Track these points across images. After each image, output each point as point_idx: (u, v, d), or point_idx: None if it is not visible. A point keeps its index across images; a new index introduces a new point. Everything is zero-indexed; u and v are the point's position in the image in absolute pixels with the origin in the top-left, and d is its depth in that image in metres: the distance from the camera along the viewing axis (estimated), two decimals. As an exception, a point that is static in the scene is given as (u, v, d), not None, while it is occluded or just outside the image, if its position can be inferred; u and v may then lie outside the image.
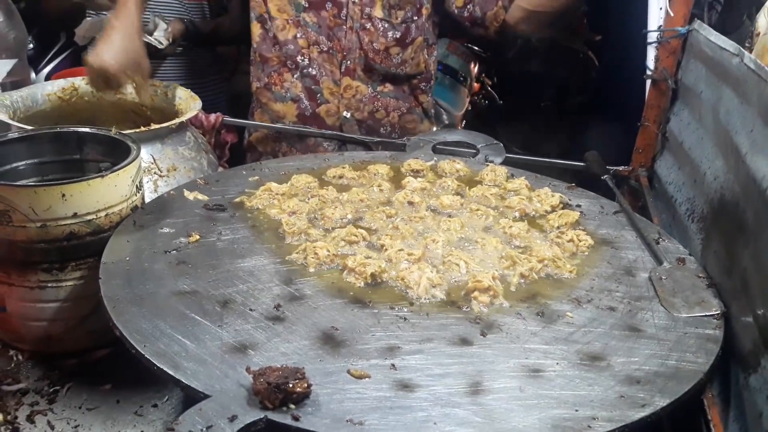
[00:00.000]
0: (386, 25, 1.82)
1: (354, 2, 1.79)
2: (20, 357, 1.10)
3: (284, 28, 1.83)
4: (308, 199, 1.27)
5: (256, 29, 1.88)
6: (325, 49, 1.82)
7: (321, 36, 1.81)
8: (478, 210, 1.27)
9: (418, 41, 1.88)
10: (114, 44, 1.44)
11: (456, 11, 1.86)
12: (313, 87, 1.86)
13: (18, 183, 1.11)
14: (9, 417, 0.98)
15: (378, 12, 1.80)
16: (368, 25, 1.81)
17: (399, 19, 1.82)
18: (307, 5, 1.80)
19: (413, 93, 1.95)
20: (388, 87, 1.90)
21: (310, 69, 1.84)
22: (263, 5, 1.83)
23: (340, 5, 1.79)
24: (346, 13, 1.80)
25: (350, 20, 1.80)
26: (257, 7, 1.85)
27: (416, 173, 1.45)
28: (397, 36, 1.83)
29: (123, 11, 1.49)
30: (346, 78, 1.85)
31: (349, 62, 1.84)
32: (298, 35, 1.82)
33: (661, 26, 1.55)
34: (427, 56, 1.94)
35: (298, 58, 1.84)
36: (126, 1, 1.49)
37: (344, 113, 1.88)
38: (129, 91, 1.54)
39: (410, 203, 1.29)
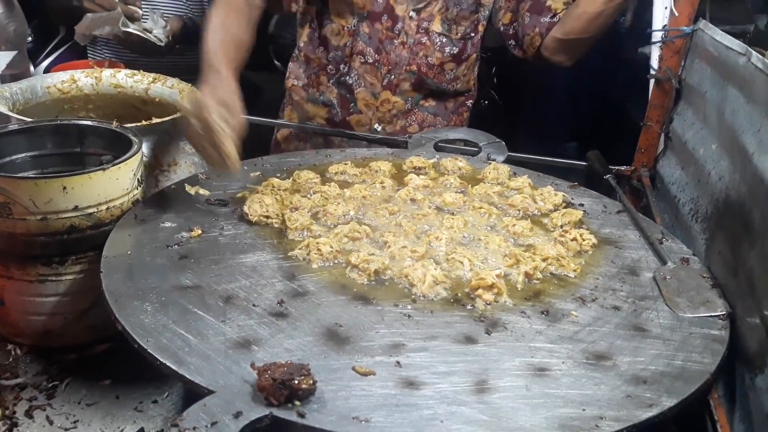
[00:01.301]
0: (444, 40, 1.78)
1: (411, 17, 1.75)
2: (19, 351, 1.09)
3: (339, 34, 1.79)
4: (310, 195, 1.26)
5: (305, 30, 1.85)
6: (371, 60, 1.79)
7: (369, 48, 1.78)
8: (481, 208, 1.26)
9: (473, 58, 1.85)
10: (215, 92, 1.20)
11: (502, 28, 1.83)
12: (347, 96, 1.83)
13: (19, 175, 1.10)
14: (7, 412, 0.97)
15: (437, 26, 1.77)
16: (424, 39, 1.77)
17: (459, 35, 1.79)
18: (366, 15, 1.76)
19: (458, 110, 1.91)
20: (431, 102, 1.87)
21: (347, 78, 1.81)
22: (314, 8, 1.80)
23: (395, 19, 1.76)
24: (401, 27, 1.76)
25: (404, 35, 1.77)
26: (311, 9, 1.82)
27: (418, 170, 1.44)
28: (454, 52, 1.80)
29: (218, 73, 1.26)
30: (386, 92, 1.82)
31: (393, 77, 1.80)
32: (347, 43, 1.79)
33: (665, 26, 1.55)
34: (475, 72, 1.91)
35: (341, 65, 1.81)
36: (218, 67, 1.27)
37: (375, 125, 1.85)
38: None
39: (413, 200, 1.28)
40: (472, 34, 1.82)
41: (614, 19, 1.66)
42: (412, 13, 1.76)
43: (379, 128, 1.85)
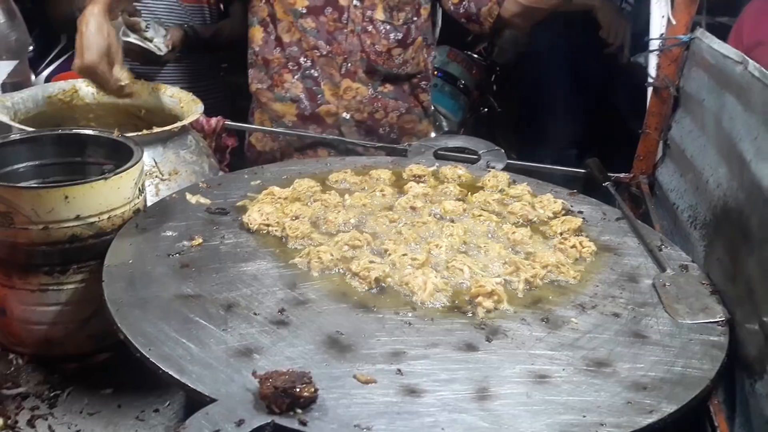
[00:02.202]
0: (388, 27, 1.85)
1: (355, 6, 1.81)
2: (20, 361, 1.09)
3: (289, 30, 1.85)
4: (311, 204, 1.27)
5: (258, 33, 1.90)
6: (324, 53, 1.85)
7: (320, 41, 1.84)
8: (480, 216, 1.27)
9: (418, 41, 1.91)
10: (86, 39, 1.38)
11: (452, 8, 1.89)
12: (314, 88, 1.89)
13: (21, 184, 1.10)
14: (9, 421, 0.97)
15: (380, 14, 1.83)
16: (370, 28, 1.83)
17: (400, 20, 1.86)
18: (305, 11, 1.81)
19: (413, 92, 1.98)
20: (388, 87, 1.93)
21: (312, 71, 1.87)
22: (266, 8, 1.84)
23: (341, 9, 1.82)
24: (347, 17, 1.82)
25: (351, 24, 1.82)
26: (260, 12, 1.88)
27: (418, 179, 1.45)
28: (399, 37, 1.87)
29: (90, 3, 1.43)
30: (346, 80, 1.87)
31: (349, 65, 1.86)
32: (300, 38, 1.84)
33: (663, 34, 1.56)
34: (426, 55, 1.97)
35: (301, 59, 1.86)
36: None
37: (343, 114, 1.90)
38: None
39: (413, 208, 1.28)
40: (414, 18, 1.89)
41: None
42: (356, 2, 1.82)
43: (348, 116, 1.91)
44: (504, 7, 1.80)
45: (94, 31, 1.38)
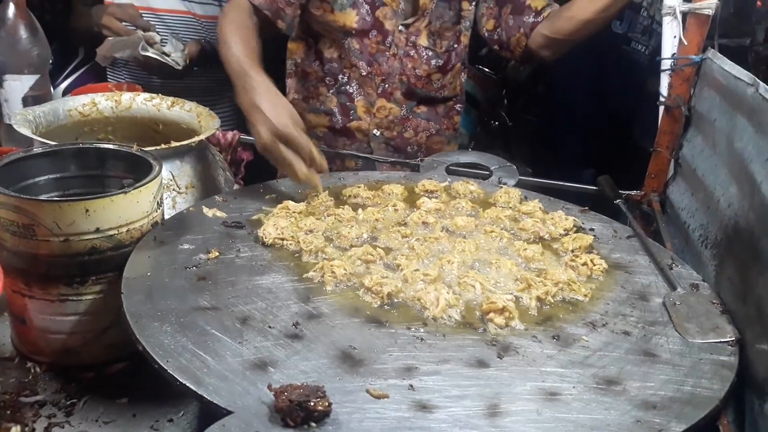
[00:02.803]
0: (430, 54, 1.88)
1: (401, 31, 1.84)
2: (38, 369, 1.11)
3: (331, 47, 1.88)
4: (324, 218, 1.29)
5: (299, 46, 1.95)
6: (364, 73, 1.88)
7: (361, 61, 1.87)
8: (492, 232, 1.28)
9: (457, 67, 1.95)
10: (271, 105, 1.35)
11: (486, 35, 1.93)
12: (348, 104, 1.92)
13: (42, 197, 1.13)
14: (27, 429, 0.98)
15: (423, 41, 1.86)
16: (412, 53, 1.87)
17: (443, 48, 1.89)
18: (353, 33, 1.84)
19: (448, 114, 2.02)
20: (422, 108, 1.96)
21: (348, 87, 1.90)
22: (308, 24, 1.88)
23: (385, 33, 1.85)
24: (391, 40, 1.85)
25: (395, 47, 1.85)
26: (301, 25, 1.91)
27: (430, 194, 1.47)
28: (440, 64, 1.90)
29: (248, 68, 1.44)
30: (382, 99, 1.91)
31: (387, 86, 1.89)
32: (342, 55, 1.88)
33: (674, 54, 1.57)
34: (462, 80, 2.01)
35: (339, 75, 1.90)
36: (248, 70, 1.43)
37: (374, 131, 1.93)
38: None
39: (425, 224, 1.30)
40: (455, 46, 1.92)
41: (603, 27, 1.75)
42: (401, 27, 1.84)
43: (378, 133, 1.93)
44: (532, 38, 1.83)
45: (274, 94, 1.37)
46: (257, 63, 1.49)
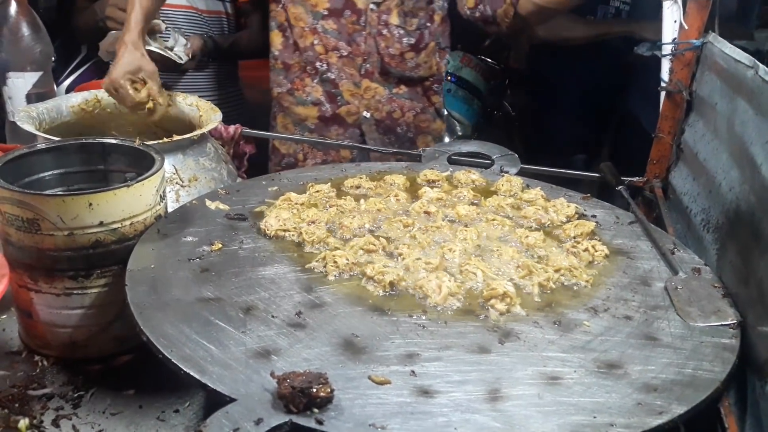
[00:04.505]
0: (401, 32, 1.91)
1: (372, 9, 1.87)
2: (46, 362, 1.12)
3: (302, 36, 1.91)
4: (327, 209, 1.29)
5: (277, 38, 1.96)
6: (345, 53, 1.91)
7: (341, 41, 1.90)
8: (494, 220, 1.28)
9: (431, 46, 1.97)
10: (118, 60, 1.54)
11: (468, 12, 1.94)
12: (333, 90, 1.95)
13: (47, 192, 1.14)
14: (35, 421, 1.00)
15: (394, 19, 1.89)
16: (384, 32, 1.90)
17: (413, 26, 1.92)
18: (326, 13, 1.87)
19: (426, 94, 2.04)
20: (403, 89, 1.99)
21: (329, 74, 1.93)
22: (284, 13, 1.89)
23: (359, 12, 1.88)
24: (365, 20, 1.88)
25: (369, 26, 1.89)
26: (278, 16, 1.94)
27: (432, 183, 1.47)
28: (412, 42, 1.93)
29: (126, 28, 1.59)
30: (366, 80, 1.94)
31: (368, 65, 1.92)
32: (315, 42, 1.90)
33: (675, 39, 1.56)
34: (438, 59, 2.03)
35: (317, 64, 1.93)
36: (129, 19, 1.59)
37: (364, 113, 1.96)
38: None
39: (426, 213, 1.30)
40: (428, 24, 1.94)
41: None
42: (372, 6, 1.88)
43: (368, 115, 1.96)
44: (520, 5, 1.85)
45: (126, 53, 1.53)
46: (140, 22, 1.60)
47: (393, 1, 1.88)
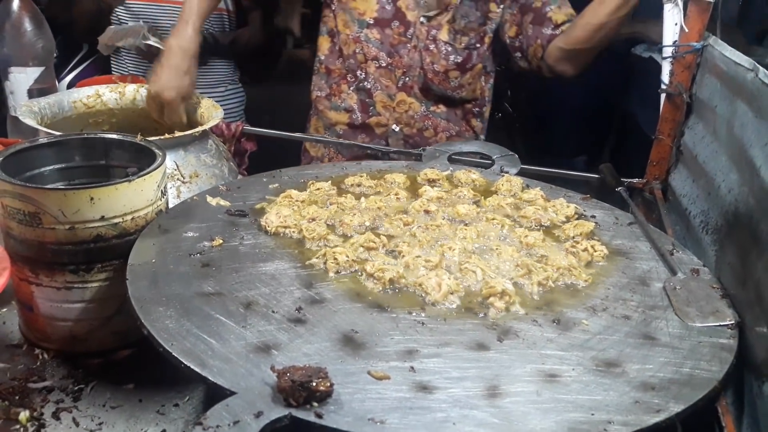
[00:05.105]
0: (449, 49, 1.87)
1: (422, 23, 1.85)
2: (46, 356, 1.13)
3: (347, 43, 1.90)
4: (327, 206, 1.30)
5: (325, 43, 1.97)
6: (384, 64, 1.89)
7: (382, 52, 1.88)
8: (493, 219, 1.29)
9: (478, 68, 1.94)
10: (172, 69, 1.55)
11: (508, 41, 1.91)
12: (367, 100, 1.93)
13: (49, 186, 1.14)
14: (35, 414, 1.00)
15: (444, 35, 1.86)
16: (432, 47, 1.87)
17: (462, 44, 1.88)
18: (372, 22, 1.86)
19: (465, 117, 2.01)
20: (441, 108, 1.95)
21: (366, 83, 1.91)
22: (333, 20, 1.89)
23: (407, 24, 1.85)
24: (412, 32, 1.85)
25: (415, 39, 1.86)
26: (328, 22, 1.94)
27: (432, 183, 1.47)
28: (458, 61, 1.89)
29: (183, 33, 1.59)
30: (401, 93, 1.91)
31: (407, 79, 1.90)
32: (357, 50, 1.89)
33: (676, 41, 1.57)
34: (484, 83, 1.99)
35: (358, 72, 1.91)
36: (187, 23, 1.59)
37: (393, 126, 1.94)
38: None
39: (427, 212, 1.31)
40: (477, 45, 1.90)
41: (617, 31, 1.72)
42: (422, 19, 1.84)
43: (397, 129, 1.93)
44: (548, 54, 1.81)
45: (182, 66, 1.54)
46: (195, 19, 1.62)
47: (445, 17, 1.85)
